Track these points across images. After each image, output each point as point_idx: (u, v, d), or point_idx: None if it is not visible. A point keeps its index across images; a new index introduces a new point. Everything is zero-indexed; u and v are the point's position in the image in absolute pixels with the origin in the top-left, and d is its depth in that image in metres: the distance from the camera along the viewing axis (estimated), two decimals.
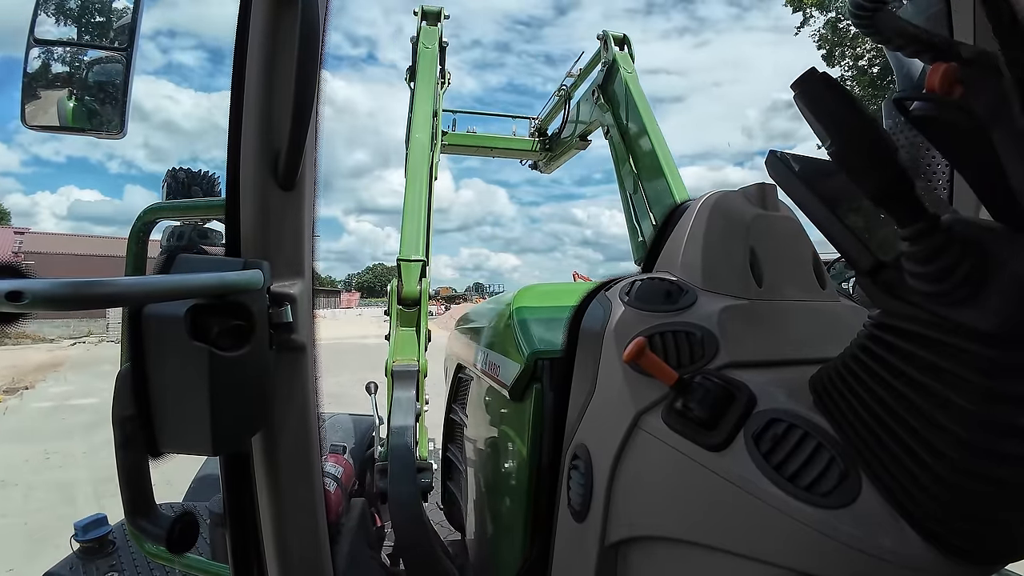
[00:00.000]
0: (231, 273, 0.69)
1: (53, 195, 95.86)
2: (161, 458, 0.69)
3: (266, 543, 0.86)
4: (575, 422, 0.87)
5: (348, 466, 1.94)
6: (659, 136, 3.39)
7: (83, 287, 0.51)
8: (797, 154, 0.68)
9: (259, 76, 0.77)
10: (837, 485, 0.57)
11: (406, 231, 2.40)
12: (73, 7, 0.98)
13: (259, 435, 0.80)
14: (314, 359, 0.84)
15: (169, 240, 1.50)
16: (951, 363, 0.50)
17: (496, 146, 5.52)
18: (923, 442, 0.52)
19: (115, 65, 0.96)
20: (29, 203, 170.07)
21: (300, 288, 0.81)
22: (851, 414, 0.59)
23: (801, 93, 0.53)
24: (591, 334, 0.86)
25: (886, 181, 0.49)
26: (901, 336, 0.55)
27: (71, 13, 0.98)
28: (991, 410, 0.48)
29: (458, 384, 1.94)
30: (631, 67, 3.76)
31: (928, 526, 0.52)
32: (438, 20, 4.00)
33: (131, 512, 0.72)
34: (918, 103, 0.51)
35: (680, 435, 0.68)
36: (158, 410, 0.66)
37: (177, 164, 1.98)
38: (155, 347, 0.65)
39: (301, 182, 0.80)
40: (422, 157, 2.88)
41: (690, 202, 0.93)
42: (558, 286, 1.43)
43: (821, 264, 0.89)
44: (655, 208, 3.38)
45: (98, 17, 0.98)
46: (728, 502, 0.63)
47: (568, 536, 0.89)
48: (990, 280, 0.47)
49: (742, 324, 0.77)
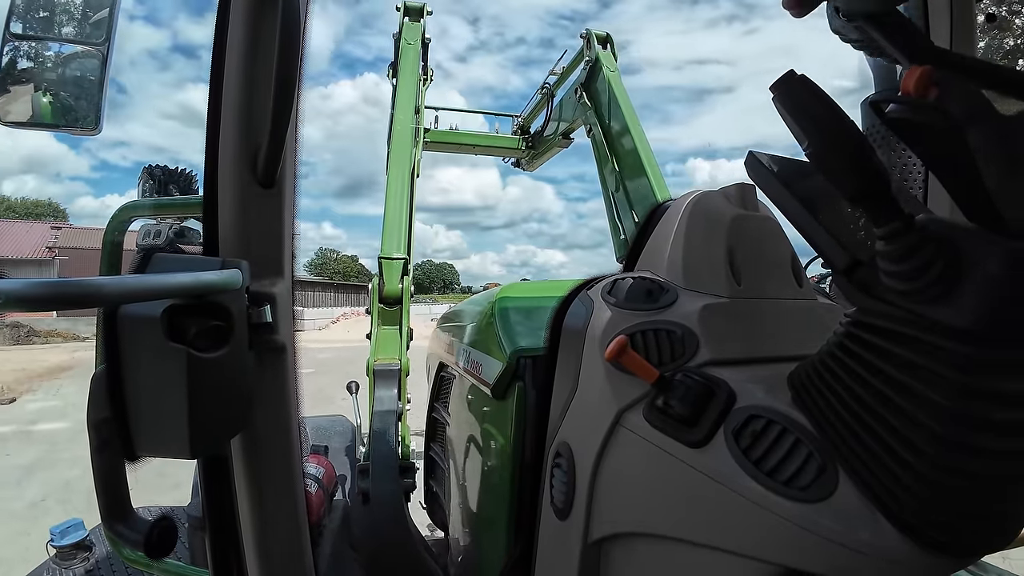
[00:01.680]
0: (209, 272, 0.67)
1: (120, 197, 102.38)
2: (138, 462, 0.67)
3: (246, 547, 0.84)
4: (557, 420, 0.88)
5: (329, 467, 1.92)
6: (641, 135, 3.41)
7: (58, 287, 0.50)
8: (776, 155, 0.69)
9: (239, 71, 0.76)
10: (815, 479, 0.58)
11: (387, 229, 2.39)
12: (49, 1, 0.96)
13: (238, 437, 0.79)
14: (294, 360, 0.84)
15: (145, 239, 1.47)
16: (926, 359, 0.51)
17: (479, 143, 5.51)
18: (899, 437, 0.53)
19: (91, 60, 0.94)
20: (99, 205, 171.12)
21: (280, 288, 0.80)
22: (828, 410, 0.60)
23: (780, 95, 0.54)
24: (573, 333, 0.86)
25: (862, 182, 0.50)
26: (877, 333, 0.56)
27: (46, 7, 0.95)
28: (965, 405, 0.49)
29: (440, 383, 1.93)
30: (614, 66, 3.78)
31: (904, 519, 0.53)
32: (421, 16, 3.98)
33: (108, 517, 0.70)
34: (894, 105, 0.52)
35: (661, 432, 0.69)
36: (134, 413, 0.65)
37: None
38: (131, 348, 0.63)
39: (281, 180, 0.79)
40: (404, 154, 2.86)
41: (671, 202, 0.94)
42: (541, 284, 1.43)
43: (799, 262, 0.90)
44: (637, 207, 3.41)
45: (74, 12, 0.96)
46: (708, 497, 0.63)
47: (551, 534, 0.89)
48: (963, 278, 0.48)
49: (722, 322, 0.78)
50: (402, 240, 2.35)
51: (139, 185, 1.61)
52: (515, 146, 5.45)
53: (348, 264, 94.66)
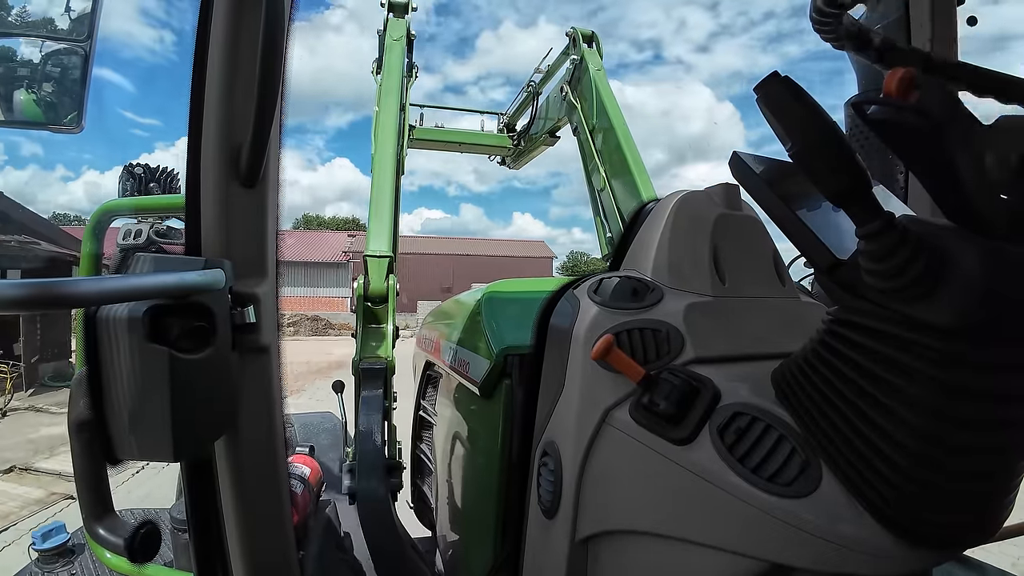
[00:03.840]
0: (191, 273, 0.66)
1: (410, 216, 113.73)
2: (119, 465, 0.66)
3: (231, 549, 0.84)
4: (544, 419, 0.88)
5: (316, 466, 1.91)
6: (627, 134, 3.42)
7: (38, 288, 0.49)
8: (759, 155, 0.70)
9: (221, 69, 0.75)
10: (798, 475, 0.59)
11: (373, 226, 2.37)
12: None
13: (222, 439, 0.78)
14: (278, 360, 0.83)
15: (126, 238, 1.44)
16: (907, 356, 0.52)
17: (465, 141, 5.49)
18: (881, 432, 0.54)
19: (74, 57, 0.92)
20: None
21: (264, 288, 0.79)
22: (812, 407, 0.61)
23: (763, 96, 0.55)
24: (559, 332, 0.87)
25: (844, 182, 0.51)
26: (858, 331, 0.57)
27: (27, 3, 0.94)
28: (945, 401, 0.50)
29: (427, 381, 1.92)
30: (599, 64, 3.79)
31: (887, 514, 0.54)
32: (405, 12, 3.95)
33: (90, 521, 0.69)
34: (876, 107, 0.52)
35: (647, 430, 0.70)
36: (116, 415, 0.64)
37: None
38: (112, 350, 0.62)
39: (264, 179, 0.78)
40: (389, 151, 2.84)
41: (656, 201, 0.95)
42: (528, 282, 1.43)
43: (782, 262, 0.91)
44: (622, 205, 3.42)
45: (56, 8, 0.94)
46: (694, 494, 0.64)
47: (538, 533, 0.90)
48: (943, 276, 0.49)
49: (706, 320, 0.79)
50: (388, 238, 2.33)
51: (119, 184, 1.58)
52: (502, 144, 5.44)
53: (599, 264, 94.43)
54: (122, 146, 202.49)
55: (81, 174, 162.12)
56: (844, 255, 0.58)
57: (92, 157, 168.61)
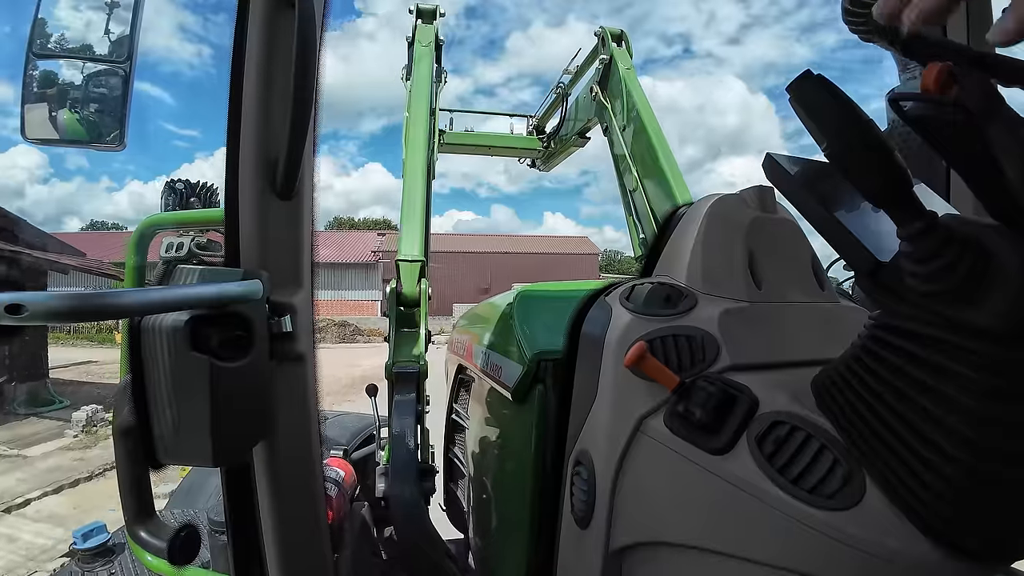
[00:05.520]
0: (230, 283, 0.69)
1: (441, 217, 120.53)
2: (162, 469, 0.69)
3: (268, 552, 0.86)
4: (577, 429, 0.87)
5: (350, 469, 1.94)
6: (659, 132, 3.37)
7: (84, 299, 0.51)
8: (793, 156, 0.68)
9: (256, 85, 0.77)
10: (841, 487, 0.57)
11: (405, 231, 2.39)
12: (71, 21, 0.98)
13: (260, 445, 0.80)
14: (314, 368, 0.84)
15: (168, 251, 1.50)
16: (954, 362, 0.50)
17: (495, 144, 5.50)
18: (928, 442, 0.52)
19: (114, 78, 0.96)
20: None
21: (299, 298, 0.81)
22: (854, 415, 0.59)
23: (796, 96, 0.53)
24: (592, 339, 0.86)
25: (883, 182, 0.49)
26: (902, 336, 0.55)
27: (69, 26, 0.98)
28: (994, 408, 0.48)
29: (459, 385, 1.93)
30: (629, 63, 3.74)
31: (934, 526, 0.52)
32: (434, 18, 3.99)
33: (132, 523, 0.72)
34: (913, 103, 0.51)
35: (683, 439, 0.68)
36: (158, 421, 0.66)
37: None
38: (156, 358, 0.65)
39: (299, 191, 0.80)
40: (420, 157, 2.87)
41: (689, 206, 0.93)
42: (559, 285, 1.43)
43: (820, 265, 0.89)
44: (655, 206, 3.37)
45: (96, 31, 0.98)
46: (732, 505, 0.63)
47: (571, 543, 0.89)
48: (989, 277, 0.47)
49: (742, 327, 0.77)
50: (419, 242, 2.35)
51: (162, 199, 1.64)
52: (531, 146, 5.43)
53: (632, 264, 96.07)
54: (163, 157, 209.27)
55: (125, 185, 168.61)
56: (885, 257, 0.56)
57: (136, 168, 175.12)
